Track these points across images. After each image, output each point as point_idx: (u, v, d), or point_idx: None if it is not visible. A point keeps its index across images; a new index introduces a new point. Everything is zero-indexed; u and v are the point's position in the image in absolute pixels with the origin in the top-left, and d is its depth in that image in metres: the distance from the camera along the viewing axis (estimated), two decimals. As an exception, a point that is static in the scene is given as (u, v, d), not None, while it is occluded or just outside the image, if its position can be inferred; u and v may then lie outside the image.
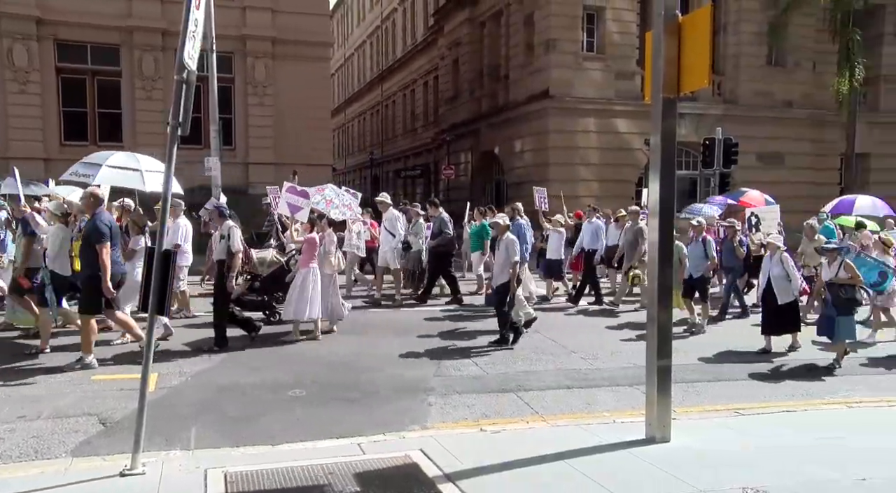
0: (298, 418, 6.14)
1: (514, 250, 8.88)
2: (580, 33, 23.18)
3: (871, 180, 25.58)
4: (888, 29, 25.68)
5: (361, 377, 7.49)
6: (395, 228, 12.66)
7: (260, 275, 9.93)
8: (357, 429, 5.75)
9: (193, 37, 4.65)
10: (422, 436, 5.61)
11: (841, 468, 4.92)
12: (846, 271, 8.23)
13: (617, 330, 10.51)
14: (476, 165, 29.59)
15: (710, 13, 5.44)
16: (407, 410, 6.44)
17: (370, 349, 8.81)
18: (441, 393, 6.97)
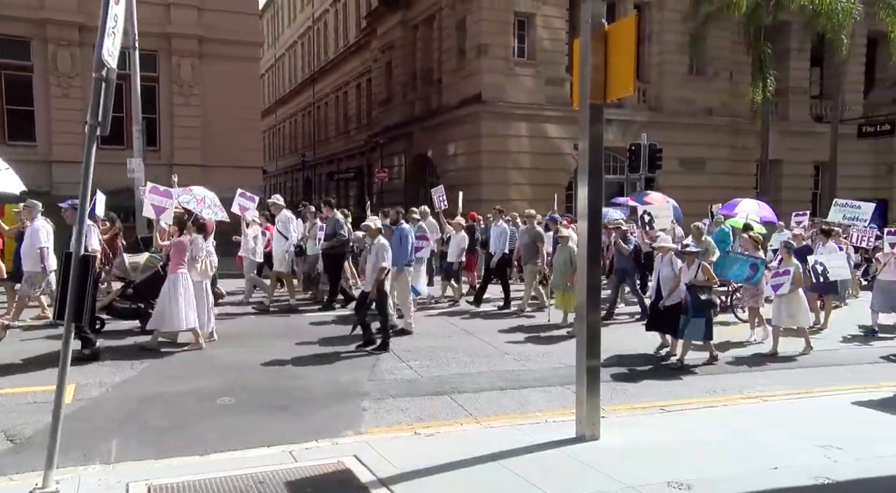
0: (227, 426, 5.97)
1: (383, 255, 8.73)
2: (511, 39, 23.53)
3: (783, 185, 27.08)
4: (794, 45, 27.24)
5: (293, 383, 7.35)
6: (287, 231, 12.29)
7: (133, 281, 9.41)
8: (289, 436, 5.64)
9: (113, 33, 4.45)
10: (356, 441, 5.55)
11: (755, 459, 5.17)
12: (703, 273, 8.44)
13: (546, 331, 10.67)
14: (409, 168, 29.58)
15: (634, 23, 5.63)
16: (340, 415, 6.36)
17: (300, 355, 8.65)
18: (375, 397, 6.92)
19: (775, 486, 4.70)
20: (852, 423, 6.19)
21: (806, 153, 27.99)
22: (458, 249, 12.92)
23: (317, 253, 12.40)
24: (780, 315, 9.37)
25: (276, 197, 13.07)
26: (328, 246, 11.99)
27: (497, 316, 12.01)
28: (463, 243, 12.98)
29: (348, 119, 39.52)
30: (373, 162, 33.00)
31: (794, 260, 9.60)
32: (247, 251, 12.23)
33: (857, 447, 5.43)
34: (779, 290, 9.31)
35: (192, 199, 10.18)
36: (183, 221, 9.21)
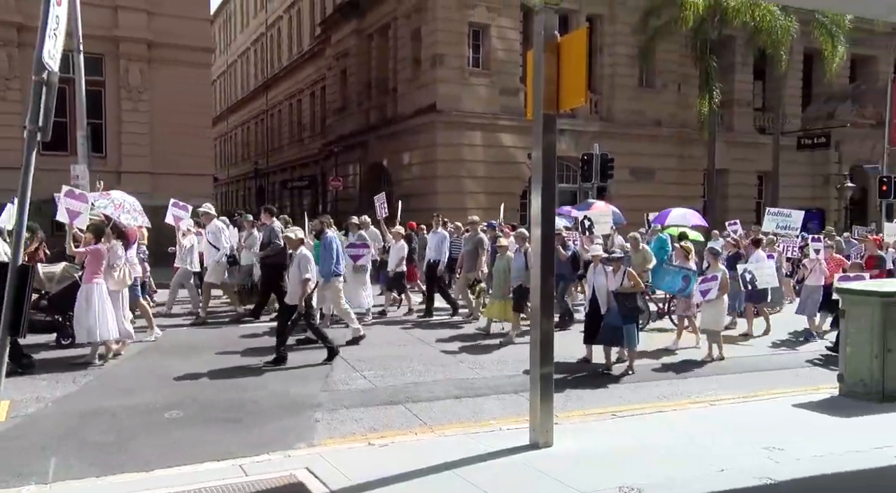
0: (175, 441, 5.80)
1: (305, 266, 8.39)
2: (466, 49, 23.72)
3: (729, 194, 27.95)
4: (738, 59, 28.26)
5: (244, 396, 7.20)
6: (218, 241, 11.94)
7: (48, 292, 8.97)
8: (240, 450, 5.51)
9: (55, 35, 4.30)
10: (308, 454, 5.46)
11: (704, 462, 5.27)
12: (629, 279, 8.46)
13: (497, 338, 10.65)
14: (364, 176, 29.46)
15: (585, 35, 5.74)
16: (293, 427, 6.25)
17: (249, 366, 8.47)
18: (329, 408, 6.83)
19: (721, 488, 4.80)
20: (793, 424, 6.38)
21: (750, 163, 28.96)
22: (398, 258, 12.69)
23: (251, 263, 12.06)
24: (704, 318, 9.51)
25: (206, 206, 12.66)
26: (262, 255, 11.44)
27: (449, 325, 11.96)
28: (402, 252, 12.75)
29: (302, 127, 39.15)
30: (327, 170, 32.74)
31: (721, 266, 9.73)
32: (182, 261, 11.83)
33: (797, 448, 5.60)
34: (707, 295, 9.36)
35: (109, 204, 9.65)
36: (101, 228, 8.71)
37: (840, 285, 8.23)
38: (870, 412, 6.71)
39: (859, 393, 7.09)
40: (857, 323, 7.14)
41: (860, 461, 5.34)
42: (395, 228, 13.38)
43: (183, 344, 9.84)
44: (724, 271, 9.64)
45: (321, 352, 9.20)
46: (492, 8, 23.76)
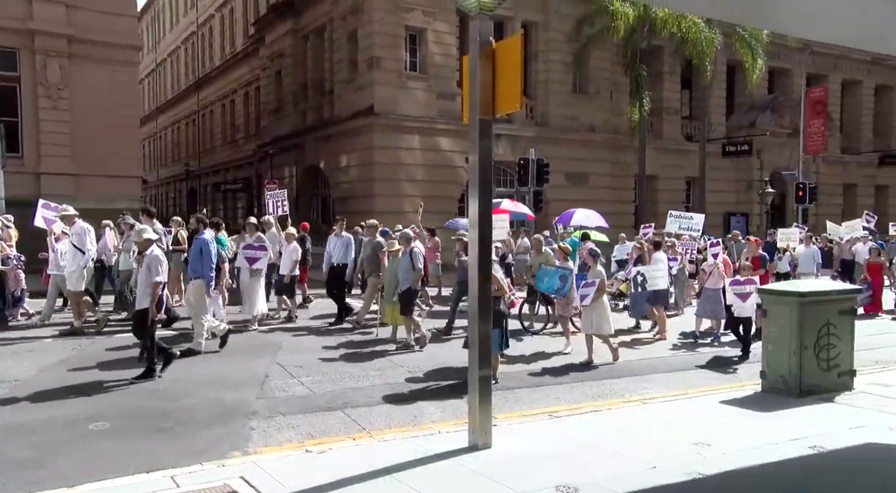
0: (101, 453, 5.55)
1: (156, 268, 7.85)
2: (403, 53, 23.69)
3: (659, 199, 28.89)
4: (666, 68, 29.31)
5: (175, 405, 6.96)
6: (83, 245, 11.02)
7: None
8: (171, 461, 5.32)
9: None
10: (243, 462, 5.33)
11: (637, 459, 5.43)
12: (492, 282, 8.21)
13: (438, 342, 10.68)
14: (301, 179, 29.01)
15: (520, 41, 5.83)
16: (226, 436, 6.09)
17: (179, 375, 8.20)
18: (265, 416, 6.69)
19: (654, 484, 4.95)
20: (720, 420, 6.64)
21: (679, 169, 30.04)
22: (291, 261, 12.16)
23: (130, 268, 11.11)
24: (588, 323, 9.45)
25: (63, 206, 11.66)
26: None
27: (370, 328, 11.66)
28: (295, 255, 12.21)
29: (236, 128, 38.24)
30: (262, 172, 32.07)
31: (599, 268, 9.74)
32: (58, 268, 11.02)
33: (724, 443, 5.82)
34: (585, 300, 9.32)
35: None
36: None
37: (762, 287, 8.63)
38: (789, 406, 7.04)
39: (780, 389, 7.44)
40: (777, 322, 7.50)
41: (779, 453, 5.61)
42: (286, 229, 12.73)
43: (102, 354, 9.42)
44: (602, 273, 9.70)
45: (260, 359, 9.03)
46: (428, 12, 23.83)
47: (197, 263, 9.35)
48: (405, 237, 10.32)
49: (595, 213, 17.70)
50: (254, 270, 11.16)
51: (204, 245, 9.42)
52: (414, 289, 10.09)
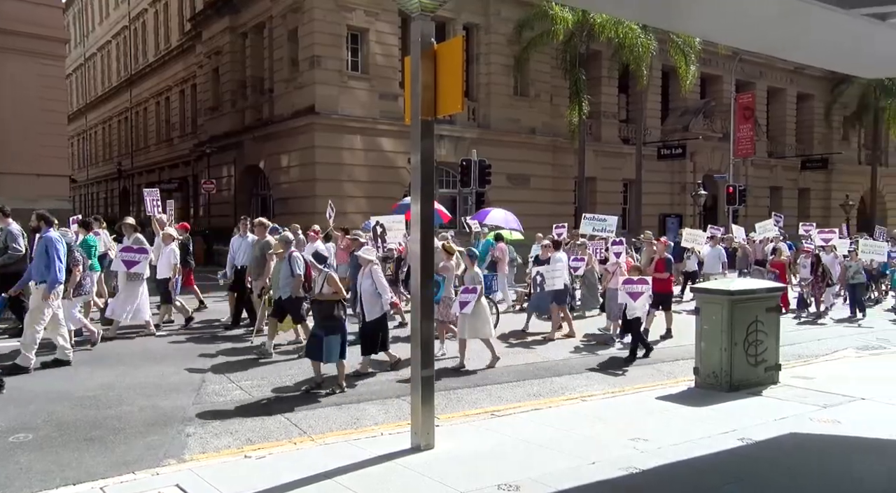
0: (23, 466, 5.28)
1: None
2: (345, 52, 23.49)
3: (598, 201, 29.56)
4: (604, 73, 30.09)
5: (107, 413, 6.70)
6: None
7: None
8: (101, 471, 5.12)
9: None
10: (179, 470, 5.18)
11: (577, 455, 5.54)
12: (329, 285, 7.62)
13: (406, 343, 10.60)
14: (240, 179, 28.39)
15: (461, 43, 5.86)
16: (161, 444, 5.90)
17: (111, 381, 7.91)
18: (201, 422, 6.51)
19: (593, 480, 5.05)
20: (656, 415, 6.85)
21: (616, 172, 30.82)
22: (168, 263, 11.23)
23: None
24: (464, 328, 9.06)
25: None
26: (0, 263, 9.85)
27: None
28: (173, 258, 11.30)
29: (171, 126, 37.08)
30: (199, 172, 31.23)
31: (476, 270, 9.46)
32: None
33: (659, 438, 6.01)
34: (465, 308, 8.91)
35: None
36: None
37: (695, 286, 8.91)
38: (720, 400, 7.32)
39: (712, 384, 7.73)
40: (709, 320, 7.78)
41: (711, 446, 5.82)
42: (164, 229, 11.84)
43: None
44: (479, 275, 9.48)
45: (193, 364, 8.78)
46: (370, 12, 23.71)
47: (41, 265, 8.21)
48: (284, 240, 9.39)
49: (513, 217, 17.69)
50: (131, 274, 10.31)
51: (49, 244, 8.24)
52: (295, 296, 9.26)
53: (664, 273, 11.68)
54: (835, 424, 6.55)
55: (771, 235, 18.49)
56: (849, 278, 14.61)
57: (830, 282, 14.54)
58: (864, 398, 7.45)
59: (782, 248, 16.59)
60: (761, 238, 18.64)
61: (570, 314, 12.23)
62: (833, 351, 10.92)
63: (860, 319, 14.34)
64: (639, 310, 9.83)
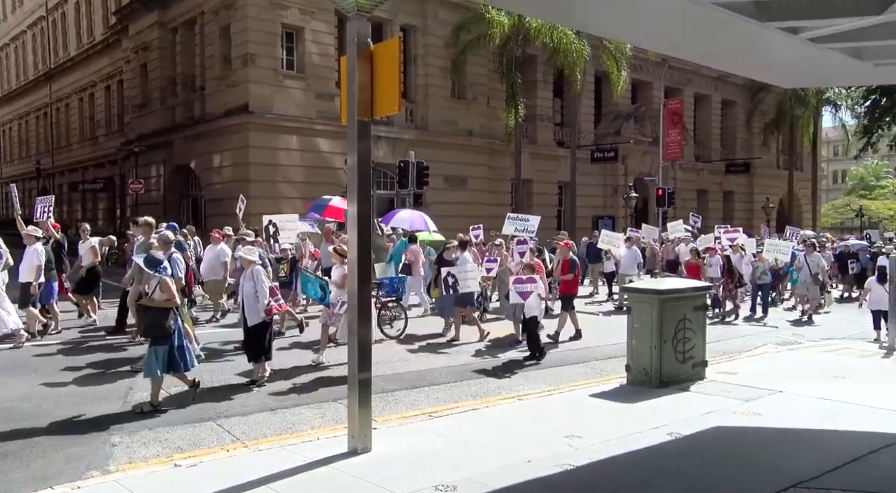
0: (-72, 486, 4.97)
1: None
2: (279, 51, 23.08)
3: (533, 202, 30.05)
4: (540, 77, 30.64)
5: (25, 424, 6.37)
6: None
7: None
8: (15, 488, 4.85)
9: None
10: (103, 482, 4.98)
11: (513, 454, 5.61)
12: (163, 291, 6.87)
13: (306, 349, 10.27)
14: (170, 178, 27.48)
15: (398, 44, 5.87)
16: (83, 455, 5.65)
17: (28, 391, 7.55)
18: (128, 431, 6.27)
19: (529, 478, 5.13)
20: (589, 412, 7.02)
21: (551, 174, 31.42)
22: (32, 267, 10.28)
23: None
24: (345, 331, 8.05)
25: None
26: None
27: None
28: (35, 259, 10.36)
29: (96, 124, 35.57)
30: (126, 172, 30.07)
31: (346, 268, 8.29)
32: None
33: (593, 434, 6.15)
34: (344, 307, 8.31)
35: None
36: None
37: (626, 285, 9.17)
38: (650, 396, 7.56)
39: (642, 380, 7.97)
40: (640, 319, 8.02)
41: (642, 441, 6.00)
42: (26, 228, 10.82)
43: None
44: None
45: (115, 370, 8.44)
46: (305, 11, 23.37)
47: None
48: (163, 240, 8.82)
49: (421, 218, 17.50)
50: None
51: None
52: None
53: (568, 274, 11.77)
54: (756, 416, 6.87)
55: (681, 235, 18.65)
56: (756, 279, 15.04)
57: (741, 282, 14.79)
58: (781, 391, 7.84)
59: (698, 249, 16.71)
60: (672, 238, 18.82)
61: (485, 316, 12.00)
62: (755, 347, 11.46)
63: (764, 318, 14.78)
64: (535, 309, 9.72)
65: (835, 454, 5.67)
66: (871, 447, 5.85)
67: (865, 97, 33.54)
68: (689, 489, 5.03)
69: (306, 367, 9.06)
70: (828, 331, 13.31)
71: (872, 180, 72.00)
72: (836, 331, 13.33)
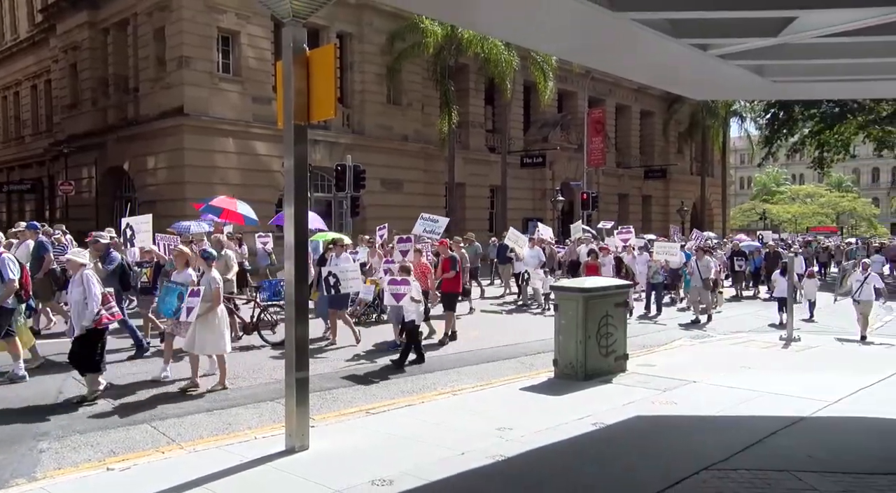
0: None
1: None
2: (215, 54, 22.78)
3: (466, 205, 30.71)
4: (472, 85, 31.42)
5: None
6: None
7: None
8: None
9: None
10: (29, 490, 4.90)
11: (448, 447, 5.83)
12: None
13: (253, 350, 10.29)
14: (102, 180, 26.63)
15: (333, 50, 6.03)
16: (7, 463, 5.52)
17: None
18: (57, 436, 6.17)
19: (463, 469, 5.34)
20: (520, 405, 7.34)
21: (484, 178, 32.14)
22: None
23: None
24: (192, 340, 7.67)
25: None
26: None
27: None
28: None
29: (22, 123, 34.06)
30: (55, 173, 28.94)
31: (213, 274, 7.96)
32: None
33: (523, 426, 6.44)
34: (190, 315, 7.54)
35: None
36: None
37: (554, 284, 9.56)
38: (576, 389, 7.94)
39: (569, 374, 8.36)
40: (566, 316, 8.42)
41: (569, 431, 6.34)
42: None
43: None
44: (217, 279, 8.00)
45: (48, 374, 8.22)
46: (241, 15, 23.16)
47: None
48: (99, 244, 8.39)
49: (314, 214, 16.54)
50: None
51: None
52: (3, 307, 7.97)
53: (450, 272, 11.50)
54: (672, 405, 7.35)
55: (582, 236, 18.99)
56: (650, 278, 15.51)
57: (634, 281, 14.91)
58: (695, 382, 8.38)
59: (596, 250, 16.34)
60: (575, 239, 19.12)
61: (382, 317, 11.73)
62: (671, 341, 12.16)
63: (656, 316, 15.07)
64: (412, 312, 9.30)
65: (741, 437, 6.14)
66: (772, 430, 6.38)
67: (766, 110, 36.16)
68: (610, 474, 5.36)
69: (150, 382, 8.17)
70: (735, 324, 14.19)
71: (773, 186, 76.78)
72: (743, 325, 14.25)
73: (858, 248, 33.66)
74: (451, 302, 11.65)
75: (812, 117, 33.32)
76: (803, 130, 35.67)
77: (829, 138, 34.59)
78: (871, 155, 60.33)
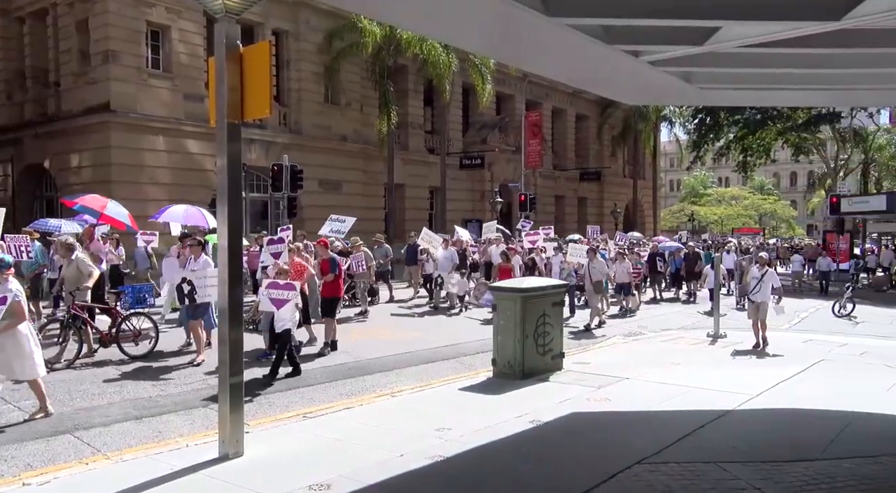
0: None
1: None
2: (144, 49, 21.93)
3: (406, 206, 30.70)
4: (411, 86, 31.38)
5: None
6: None
7: None
8: None
9: None
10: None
11: (387, 449, 5.79)
12: None
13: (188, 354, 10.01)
14: (20, 178, 25.23)
15: (268, 48, 5.92)
16: None
17: None
18: (-35, 453, 5.80)
19: (402, 471, 5.32)
20: (459, 405, 7.37)
21: (423, 179, 32.17)
22: None
23: None
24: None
25: None
26: None
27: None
28: None
29: (-74, 118, 31.85)
30: (-37, 171, 27.20)
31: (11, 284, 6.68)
32: None
33: (462, 426, 6.48)
34: None
35: None
36: None
37: (493, 284, 9.66)
38: (514, 387, 8.05)
39: (507, 373, 8.46)
40: (504, 315, 8.52)
41: (508, 430, 6.41)
42: None
43: None
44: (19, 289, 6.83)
45: None
46: (172, 10, 22.39)
47: None
48: None
49: (199, 212, 15.80)
50: None
51: None
52: None
53: (329, 275, 10.47)
54: (607, 402, 7.54)
55: (493, 236, 18.84)
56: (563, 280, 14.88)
57: None
58: (628, 378, 8.63)
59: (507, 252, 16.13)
60: (484, 239, 19.00)
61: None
62: (606, 338, 12.50)
63: (569, 318, 14.07)
64: (288, 321, 8.33)
65: (672, 431, 6.36)
66: (700, 423, 6.64)
67: (694, 116, 38.00)
68: (546, 472, 5.43)
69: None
70: (663, 322, 14.70)
71: (701, 189, 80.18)
72: (672, 322, 14.78)
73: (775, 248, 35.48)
74: (331, 308, 10.50)
75: (736, 123, 35.11)
76: (728, 135, 37.61)
77: (752, 143, 36.52)
78: (789, 160, 63.63)
